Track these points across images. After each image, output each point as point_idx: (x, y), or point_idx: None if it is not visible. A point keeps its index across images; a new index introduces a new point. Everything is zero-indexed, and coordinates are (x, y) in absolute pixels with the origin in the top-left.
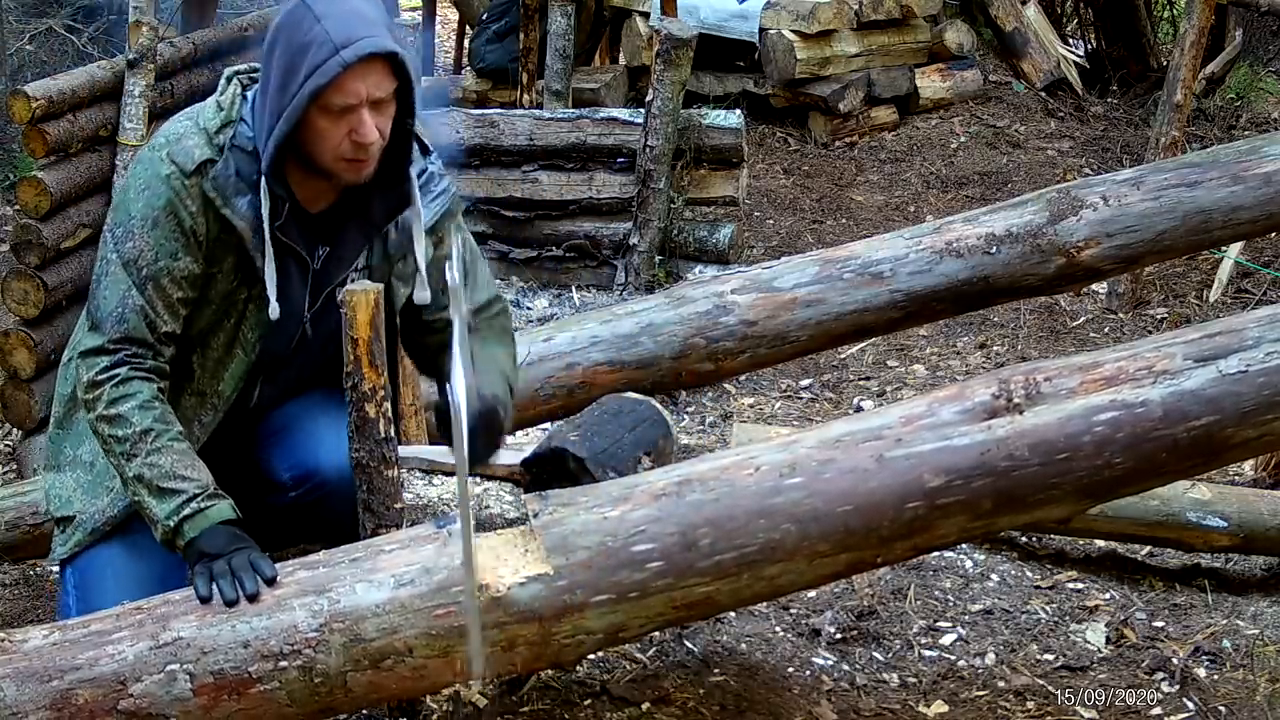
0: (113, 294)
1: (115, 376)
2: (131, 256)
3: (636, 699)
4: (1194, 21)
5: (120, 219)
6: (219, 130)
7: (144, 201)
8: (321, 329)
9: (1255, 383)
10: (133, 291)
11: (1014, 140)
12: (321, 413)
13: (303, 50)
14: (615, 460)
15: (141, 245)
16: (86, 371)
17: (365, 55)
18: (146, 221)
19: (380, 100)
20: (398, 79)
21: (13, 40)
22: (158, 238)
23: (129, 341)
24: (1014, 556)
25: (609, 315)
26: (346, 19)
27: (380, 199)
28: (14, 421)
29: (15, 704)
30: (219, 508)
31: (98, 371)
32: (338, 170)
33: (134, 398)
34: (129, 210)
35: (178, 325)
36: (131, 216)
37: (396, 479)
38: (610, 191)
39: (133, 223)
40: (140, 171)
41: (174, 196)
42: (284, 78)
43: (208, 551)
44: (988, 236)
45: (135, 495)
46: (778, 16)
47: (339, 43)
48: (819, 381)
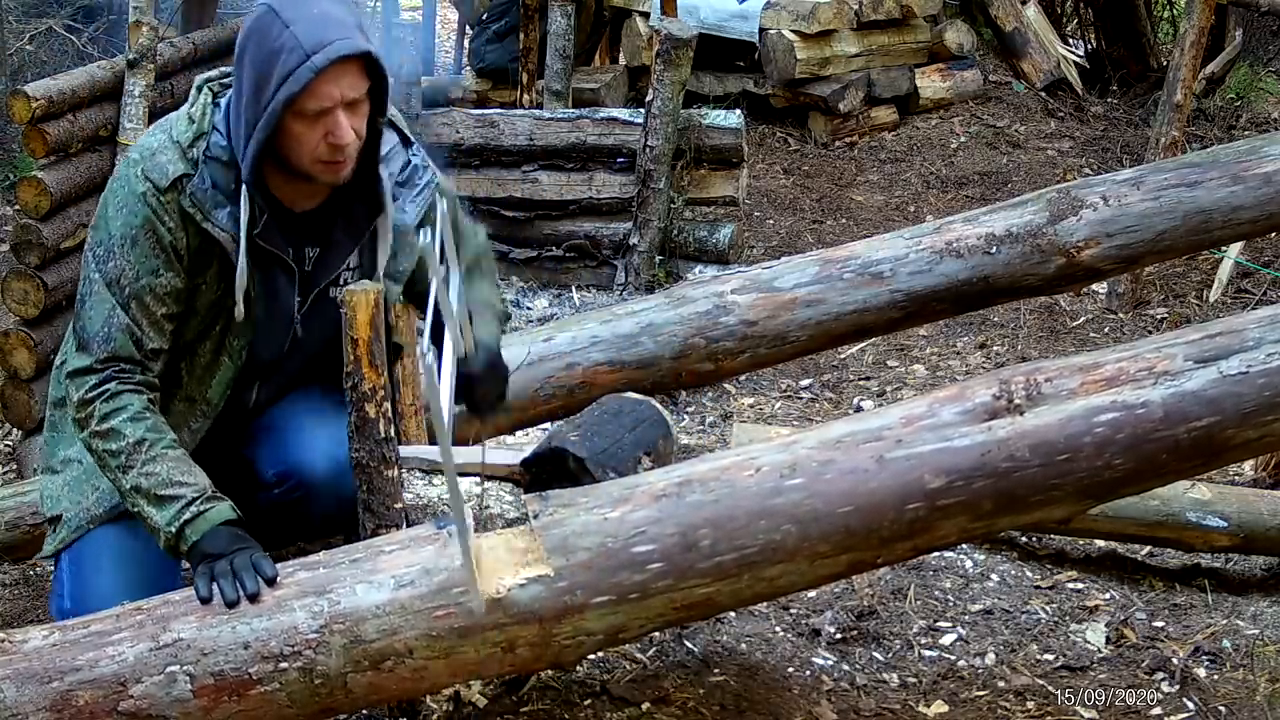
0: (98, 314)
1: (104, 392)
2: (114, 276)
3: (636, 699)
4: (1194, 21)
5: (100, 238)
6: (192, 143)
7: (122, 220)
8: (313, 330)
9: (1256, 384)
10: (117, 311)
11: (1014, 140)
12: (310, 413)
13: (273, 57)
14: (615, 460)
15: (123, 264)
16: (76, 391)
17: (336, 59)
18: (126, 240)
19: (355, 101)
20: (370, 78)
21: (13, 40)
22: (138, 256)
23: (116, 360)
24: (1014, 556)
25: (609, 315)
26: (315, 22)
27: (362, 200)
28: (14, 421)
29: (15, 705)
30: (218, 509)
31: (87, 390)
32: (316, 173)
33: (124, 411)
34: (109, 229)
35: (164, 341)
36: (111, 235)
37: (396, 479)
38: (610, 191)
39: (112, 242)
40: (117, 189)
41: (151, 214)
42: (256, 86)
43: (210, 552)
44: (988, 236)
45: (135, 506)
46: (778, 16)
47: (309, 48)
48: (819, 381)
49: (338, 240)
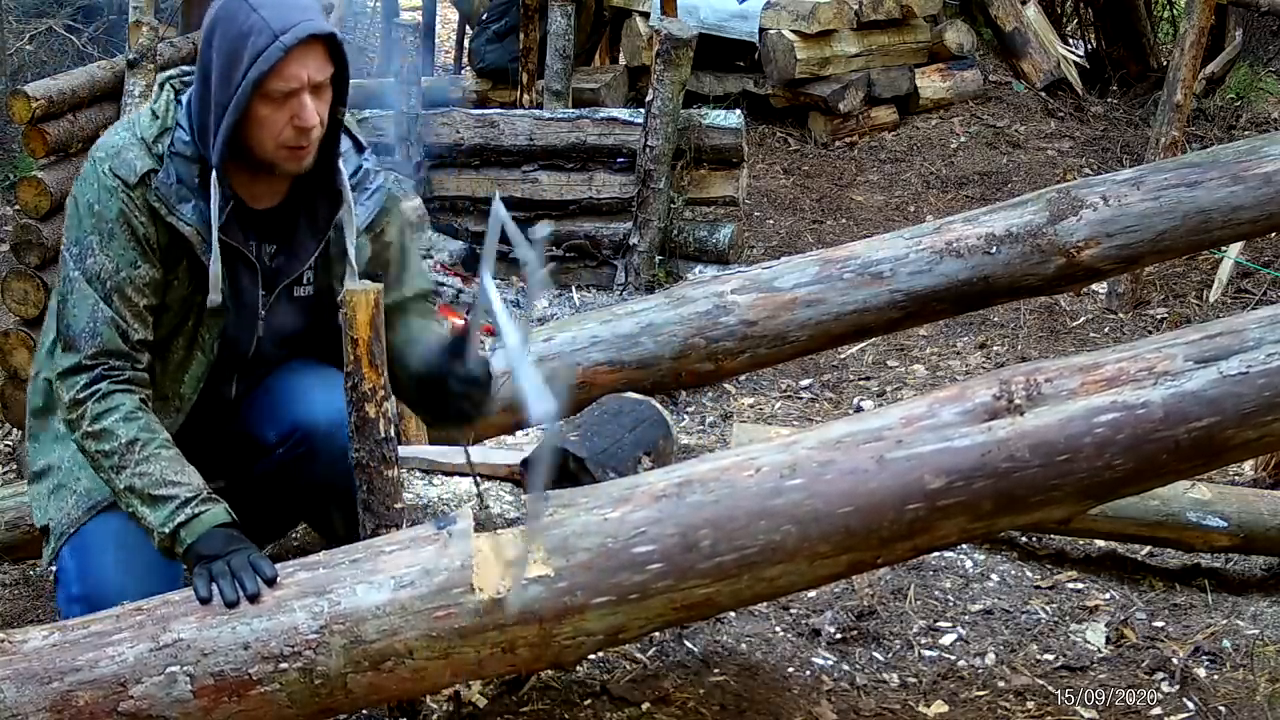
0: (81, 311)
1: (96, 392)
2: (94, 271)
3: (636, 699)
4: (1194, 21)
5: (77, 237)
6: (156, 138)
7: (97, 216)
8: (281, 326)
9: (1256, 384)
10: (100, 305)
11: (1014, 140)
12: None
13: (242, 39)
14: (615, 460)
15: (102, 259)
16: (67, 392)
17: (305, 37)
18: (103, 236)
19: (319, 85)
20: (334, 64)
21: (13, 40)
22: (116, 249)
23: (105, 355)
24: (1014, 556)
25: (609, 315)
26: (282, 6)
27: (322, 194)
28: (14, 422)
29: (15, 705)
30: (213, 512)
31: (78, 390)
32: (279, 160)
33: (117, 411)
34: (84, 227)
35: (148, 332)
36: (87, 233)
37: (396, 479)
38: (610, 191)
39: (89, 239)
40: (87, 189)
41: (123, 208)
42: (226, 69)
43: (206, 554)
44: (988, 236)
45: (129, 507)
46: (778, 16)
47: (278, 29)
48: (819, 381)
49: (299, 239)
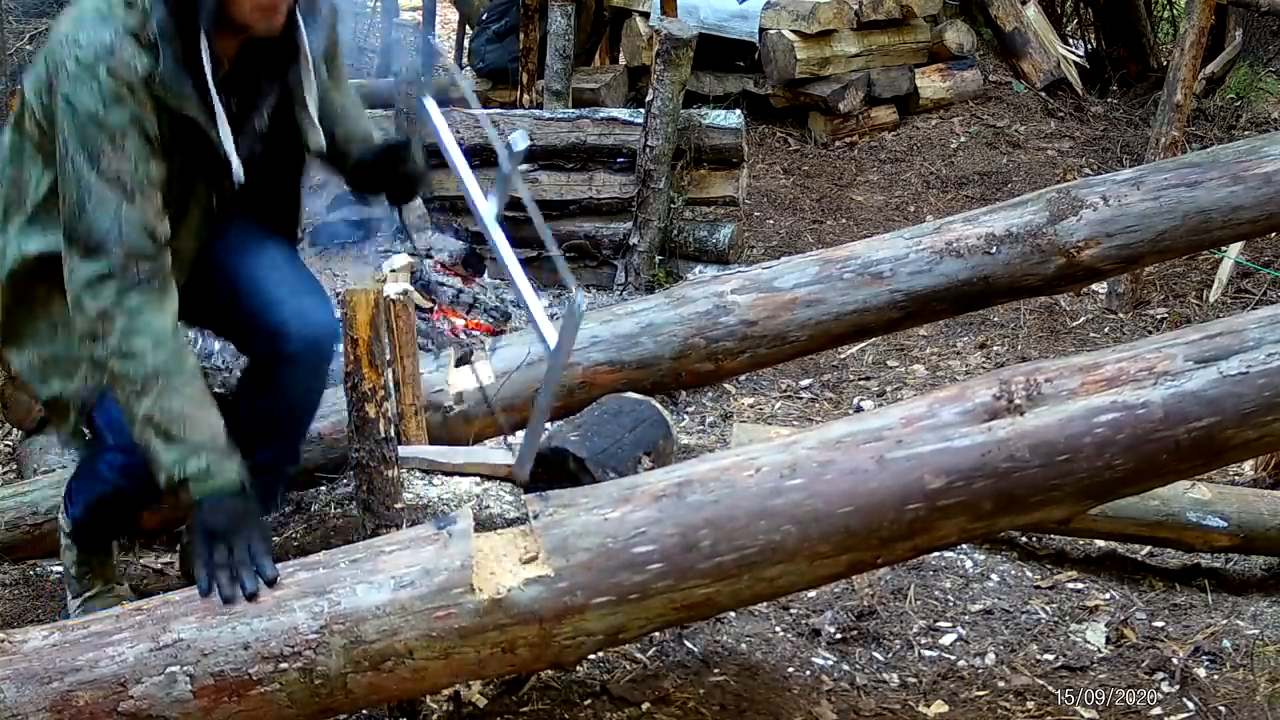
0: (104, 213)
1: (126, 305)
2: (114, 173)
3: (636, 699)
4: (1194, 21)
5: (87, 139)
6: (142, 27)
7: (113, 118)
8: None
9: (1256, 384)
10: (124, 205)
11: (1014, 140)
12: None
13: None
14: (615, 460)
15: (120, 161)
16: (93, 301)
17: None
18: (118, 136)
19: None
20: None
21: (13, 40)
22: (132, 150)
23: (133, 258)
24: (1014, 556)
25: (609, 315)
26: None
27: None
28: (14, 421)
29: (15, 705)
30: (226, 475)
31: (110, 302)
32: (253, 21)
33: (146, 332)
34: (96, 128)
35: (168, 227)
36: (101, 134)
37: (396, 479)
38: (610, 191)
39: (104, 141)
40: (85, 95)
41: (136, 109)
42: None
43: (210, 526)
44: (988, 236)
45: (142, 437)
46: (778, 16)
47: None
48: (819, 381)
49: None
